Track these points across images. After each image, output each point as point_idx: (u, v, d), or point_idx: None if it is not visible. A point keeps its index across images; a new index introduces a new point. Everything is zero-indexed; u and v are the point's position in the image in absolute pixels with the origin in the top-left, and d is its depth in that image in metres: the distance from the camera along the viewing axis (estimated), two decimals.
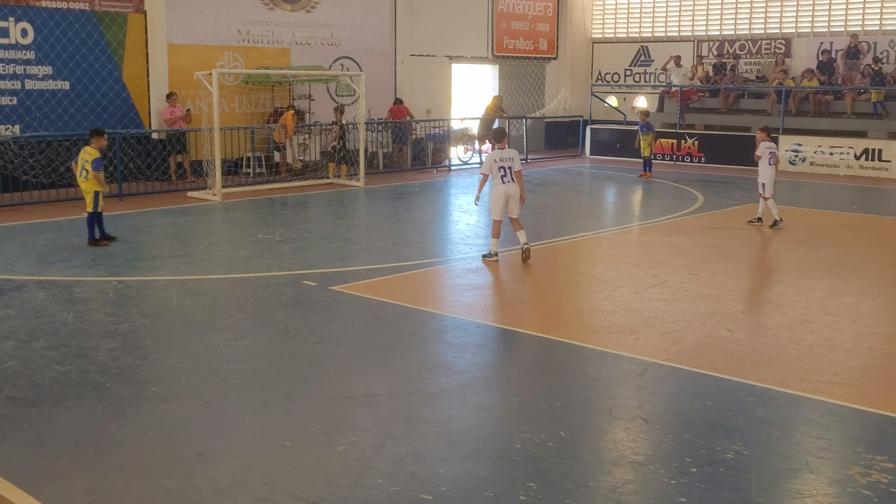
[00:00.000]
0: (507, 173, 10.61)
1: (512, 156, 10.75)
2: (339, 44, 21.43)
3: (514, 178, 10.62)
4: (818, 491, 4.89)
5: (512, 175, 10.61)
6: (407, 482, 4.91)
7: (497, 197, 10.64)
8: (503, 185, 10.60)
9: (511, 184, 10.61)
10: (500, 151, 10.77)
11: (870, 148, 20.92)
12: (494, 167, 10.63)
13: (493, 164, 10.66)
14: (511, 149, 11.17)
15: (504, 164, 10.63)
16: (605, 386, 6.56)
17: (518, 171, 10.69)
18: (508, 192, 10.61)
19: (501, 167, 10.61)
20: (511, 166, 10.63)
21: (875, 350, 7.50)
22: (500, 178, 10.59)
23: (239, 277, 9.91)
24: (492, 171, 10.66)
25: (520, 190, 10.68)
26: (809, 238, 12.87)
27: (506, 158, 10.68)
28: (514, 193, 10.63)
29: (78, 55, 16.93)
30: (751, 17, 25.51)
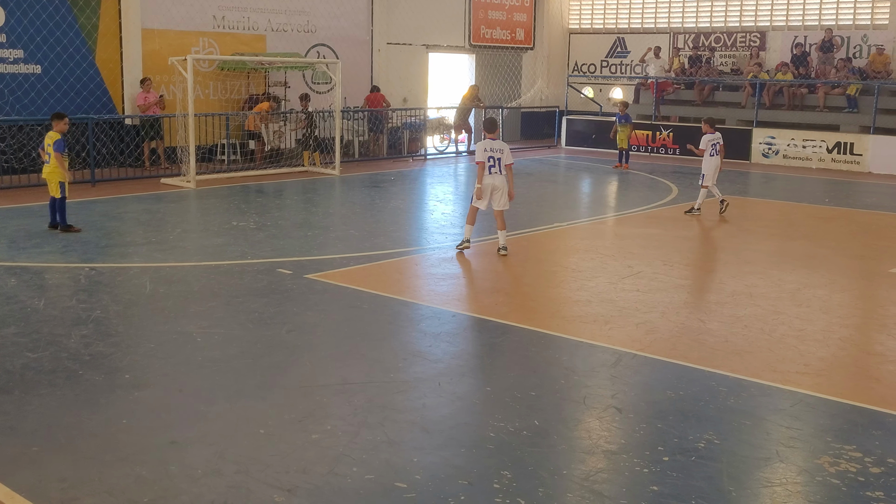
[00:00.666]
0: (496, 164, 10.42)
1: (502, 147, 10.53)
2: (316, 31, 21.31)
3: (503, 171, 10.44)
4: (788, 479, 4.95)
5: (501, 167, 10.43)
6: (381, 470, 4.92)
7: (483, 188, 10.46)
8: (490, 177, 10.43)
9: (498, 176, 10.43)
10: (491, 142, 10.56)
11: (842, 141, 21.13)
12: (485, 156, 10.44)
13: (484, 153, 10.46)
14: (502, 141, 10.94)
15: (494, 154, 10.45)
16: (579, 375, 6.59)
17: (509, 165, 10.49)
18: (494, 183, 10.44)
19: (490, 157, 10.43)
20: (500, 158, 10.44)
21: (845, 341, 7.59)
22: (487, 169, 10.43)
23: (213, 265, 9.85)
24: (484, 160, 10.44)
25: (508, 184, 10.50)
26: (782, 230, 12.99)
27: (496, 149, 10.47)
28: (500, 186, 10.45)
29: (51, 39, 16.72)
30: (726, 10, 25.65)
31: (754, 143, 22.14)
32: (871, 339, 7.85)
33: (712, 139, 13.91)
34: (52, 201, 11.43)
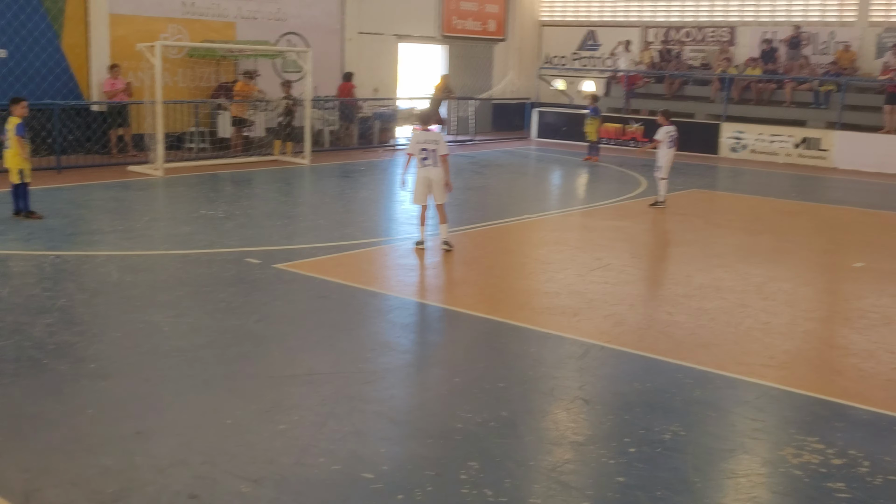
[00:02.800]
0: (430, 157, 10.13)
1: (436, 139, 10.22)
2: (287, 19, 21.14)
3: (437, 163, 10.16)
4: (752, 471, 5.01)
5: (435, 159, 10.14)
6: (348, 461, 4.91)
7: (419, 182, 10.24)
8: (424, 169, 10.17)
9: (433, 168, 10.15)
10: (424, 133, 10.32)
11: (808, 137, 21.36)
12: (417, 149, 10.18)
13: (415, 145, 10.20)
14: (436, 132, 10.71)
15: (427, 146, 10.14)
16: (546, 367, 6.62)
17: (444, 156, 10.17)
18: (429, 176, 10.16)
19: (423, 149, 10.14)
20: (435, 149, 10.12)
21: (809, 334, 7.69)
22: (421, 162, 10.17)
23: (180, 254, 9.77)
24: (415, 153, 10.23)
25: (444, 176, 10.21)
26: (748, 224, 13.12)
27: (429, 141, 10.16)
28: (435, 178, 10.16)
29: (16, 22, 16.45)
30: (697, 5, 25.79)
31: (722, 137, 22.32)
32: (835, 332, 7.96)
33: (669, 131, 14.04)
34: (14, 188, 11.27)
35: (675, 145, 14.16)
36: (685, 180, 17.35)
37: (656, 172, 14.11)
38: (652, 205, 14.06)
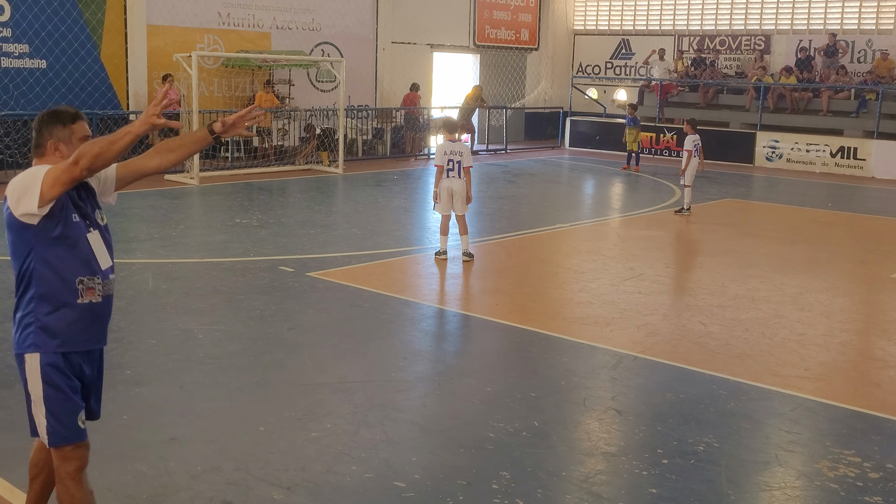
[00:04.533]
0: (455, 168, 10.09)
1: (462, 150, 10.18)
2: (321, 29, 21.31)
3: (461, 175, 10.11)
4: (787, 484, 4.96)
5: (459, 171, 10.10)
6: (380, 469, 4.93)
7: (442, 192, 10.18)
8: (448, 180, 10.11)
9: (456, 179, 10.09)
10: (451, 144, 10.23)
11: (845, 146, 21.11)
12: (445, 159, 10.12)
13: (443, 155, 10.15)
14: (462, 143, 10.55)
15: (453, 157, 10.10)
16: (579, 377, 6.60)
17: (467, 168, 10.11)
18: (452, 187, 10.10)
19: (450, 160, 10.10)
20: (459, 161, 10.09)
21: (845, 346, 7.59)
22: (446, 172, 10.12)
23: (215, 262, 9.86)
24: (443, 163, 10.13)
25: (466, 188, 10.16)
26: (784, 234, 12.99)
27: (455, 152, 10.12)
28: (458, 190, 10.11)
29: (56, 34, 16.74)
30: (731, 13, 25.62)
31: (758, 146, 22.13)
32: (872, 343, 7.85)
33: (695, 139, 14.13)
34: None
35: (700, 154, 14.24)
36: (719, 189, 17.21)
37: (681, 180, 14.17)
38: (677, 212, 14.04)
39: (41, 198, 3.48)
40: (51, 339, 3.61)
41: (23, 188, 3.50)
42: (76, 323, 3.64)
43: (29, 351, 3.62)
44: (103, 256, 3.73)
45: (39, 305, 3.59)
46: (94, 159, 3.48)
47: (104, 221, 3.85)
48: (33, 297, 3.60)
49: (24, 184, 3.51)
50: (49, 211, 3.53)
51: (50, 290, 3.58)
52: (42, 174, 3.49)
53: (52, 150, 3.68)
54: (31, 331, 3.61)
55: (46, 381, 3.66)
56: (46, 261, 3.57)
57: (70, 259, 3.60)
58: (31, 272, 3.58)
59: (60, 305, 3.60)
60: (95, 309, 3.70)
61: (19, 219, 3.53)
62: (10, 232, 3.61)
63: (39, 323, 3.60)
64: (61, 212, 3.59)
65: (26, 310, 3.62)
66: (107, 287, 3.74)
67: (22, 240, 3.58)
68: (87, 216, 3.73)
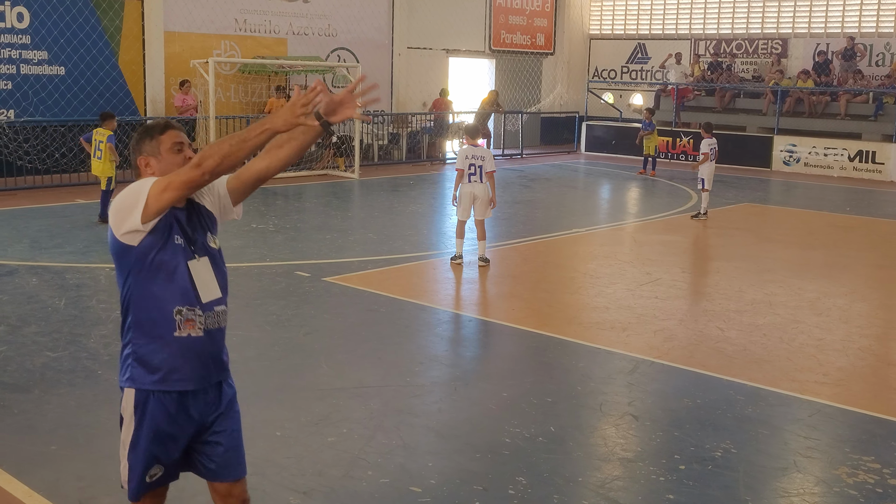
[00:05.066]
0: (477, 172, 10.08)
1: (484, 155, 10.16)
2: (337, 35, 21.39)
3: (483, 179, 10.11)
4: (805, 490, 4.92)
5: (481, 175, 10.09)
6: (396, 474, 4.93)
7: (463, 196, 10.17)
8: (469, 185, 10.10)
9: (479, 184, 10.08)
10: (472, 148, 10.23)
11: (864, 150, 20.98)
12: (466, 164, 10.12)
13: (464, 160, 10.14)
14: (484, 148, 10.54)
15: (475, 161, 10.09)
16: (595, 382, 6.58)
17: (490, 173, 10.08)
18: (474, 192, 10.08)
19: (472, 165, 10.09)
20: (482, 165, 10.07)
21: (864, 351, 7.54)
22: (467, 177, 10.11)
23: (231, 267, 9.83)
24: (464, 167, 10.13)
25: (490, 193, 10.16)
26: (801, 239, 12.92)
27: (477, 157, 10.11)
28: (480, 195, 10.09)
29: (74, 40, 16.87)
30: (748, 17, 25.53)
31: (775, 150, 22.03)
32: (891, 349, 7.80)
33: (711, 143, 14.12)
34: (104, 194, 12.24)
35: (715, 157, 14.25)
36: (736, 194, 17.14)
37: (699, 185, 14.16)
38: (694, 216, 13.99)
39: (146, 210, 3.11)
40: (147, 375, 3.27)
41: (127, 204, 3.15)
42: (174, 358, 3.26)
43: (126, 385, 3.33)
44: (207, 286, 3.31)
45: (136, 336, 3.28)
46: (221, 160, 3.09)
47: (217, 246, 3.49)
48: (130, 326, 3.29)
49: (128, 199, 3.15)
50: (152, 228, 3.17)
51: (146, 319, 3.25)
52: (148, 185, 3.12)
53: (143, 168, 3.35)
54: (128, 363, 3.31)
55: (138, 421, 3.34)
56: (142, 287, 3.22)
57: (167, 286, 3.22)
58: (129, 299, 3.27)
59: (156, 337, 3.25)
60: (195, 344, 3.28)
61: (121, 240, 3.18)
62: (113, 256, 3.29)
63: (136, 355, 3.28)
64: (164, 232, 3.21)
65: (125, 339, 3.34)
66: (210, 320, 3.30)
67: (122, 264, 3.25)
68: (194, 241, 3.33)
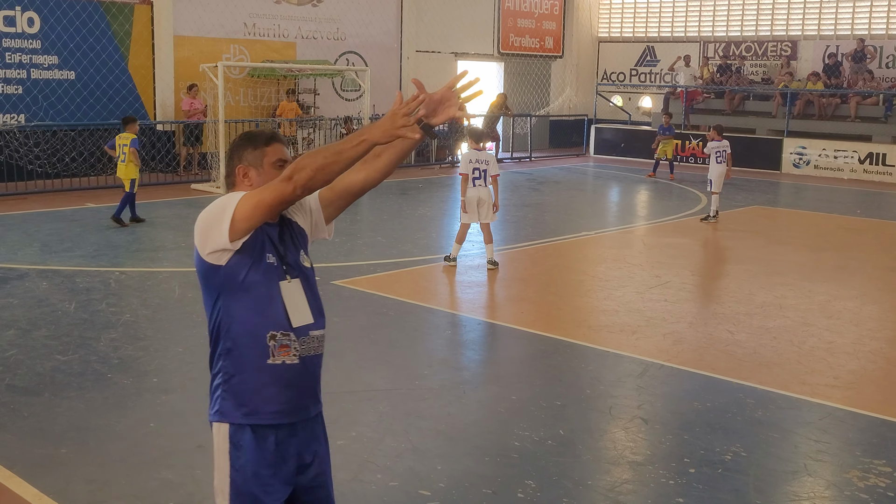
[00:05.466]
0: (482, 176, 10.06)
1: (488, 158, 10.16)
2: (345, 38, 21.42)
3: (488, 183, 10.09)
4: (816, 494, 4.90)
5: (486, 179, 10.08)
6: (406, 477, 4.92)
7: (468, 200, 10.14)
8: (475, 189, 10.08)
9: (483, 188, 10.07)
10: (476, 153, 10.21)
11: (874, 152, 20.90)
12: (470, 168, 10.10)
13: (468, 164, 10.13)
14: (489, 152, 10.50)
15: (479, 166, 10.07)
16: (604, 385, 6.56)
17: (495, 176, 10.11)
18: (480, 196, 10.07)
19: (476, 169, 10.07)
20: (486, 170, 10.06)
21: (875, 354, 7.50)
22: (472, 181, 10.09)
23: None
24: (468, 171, 10.12)
25: (494, 196, 10.15)
26: (812, 241, 12.87)
27: (481, 160, 10.09)
28: (485, 199, 10.08)
29: (84, 45, 16.94)
30: (757, 19, 25.46)
31: (785, 153, 21.95)
32: None
33: (718, 146, 14.10)
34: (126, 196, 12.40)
35: (728, 162, 14.18)
36: (746, 197, 17.09)
37: (708, 186, 14.15)
38: (703, 219, 13.96)
39: (232, 227, 2.87)
40: (238, 407, 2.99)
41: (212, 221, 2.92)
42: (266, 388, 2.98)
43: (216, 419, 3.05)
44: (300, 310, 3.05)
45: (227, 365, 3.01)
46: (314, 173, 2.81)
47: (310, 265, 3.22)
48: (221, 355, 3.04)
49: (213, 216, 2.93)
50: (241, 246, 2.92)
51: (237, 346, 2.99)
52: (235, 200, 2.91)
53: (241, 178, 3.12)
54: (218, 395, 3.04)
55: (233, 460, 3.04)
56: (233, 311, 2.98)
57: (260, 309, 2.97)
58: (219, 325, 3.02)
59: (249, 366, 2.98)
60: (290, 372, 3.00)
61: (206, 260, 2.95)
62: (199, 278, 3.06)
63: (226, 386, 3.01)
64: (254, 250, 2.96)
65: (215, 369, 3.08)
66: (305, 346, 3.03)
67: (210, 286, 3.01)
68: (287, 260, 3.07)
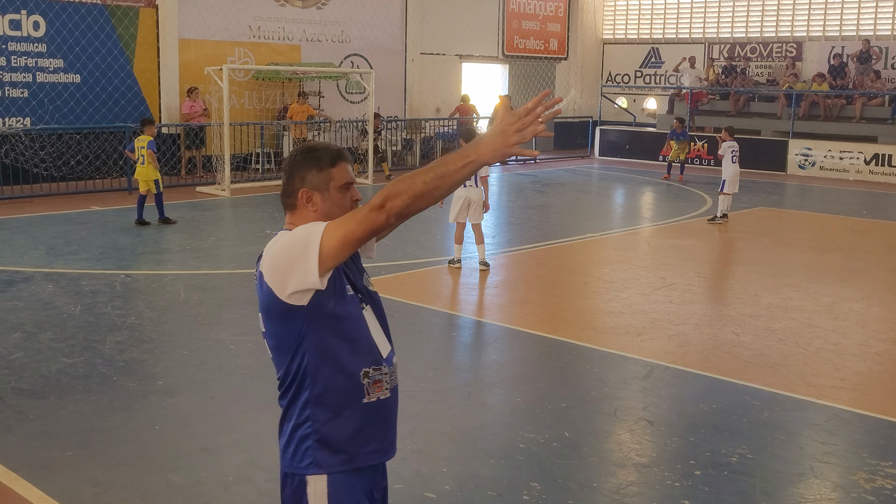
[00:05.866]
0: (472, 177, 10.08)
1: None
2: (350, 41, 21.44)
3: (478, 183, 10.06)
4: (822, 496, 4.88)
5: (476, 179, 10.03)
6: (411, 480, 4.92)
7: (456, 200, 10.11)
8: (464, 189, 10.00)
9: (473, 189, 10.02)
10: None
11: (880, 153, 20.85)
12: None
13: None
14: None
15: None
16: (610, 387, 6.55)
17: (484, 177, 10.07)
18: (469, 196, 10.02)
19: None
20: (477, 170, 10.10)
21: (882, 355, 7.48)
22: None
23: (246, 273, 9.92)
24: None
25: (483, 196, 10.09)
26: (817, 243, 12.84)
27: None
28: (475, 199, 10.03)
29: (90, 48, 16.97)
30: (762, 20, 25.43)
31: (790, 154, 21.91)
32: None
33: (732, 146, 14.11)
34: (141, 199, 12.59)
35: (737, 160, 14.21)
36: (752, 198, 17.06)
37: (720, 187, 14.13)
38: (710, 220, 13.94)
39: (322, 265, 2.61)
40: (335, 455, 2.79)
41: (292, 258, 2.67)
42: (364, 429, 2.82)
43: (310, 472, 2.81)
44: (381, 337, 2.95)
45: (318, 412, 2.78)
46: (413, 200, 2.57)
47: (374, 287, 3.07)
48: (308, 402, 2.78)
49: (293, 252, 2.68)
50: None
51: (330, 389, 2.77)
52: (315, 234, 2.62)
53: (304, 203, 2.88)
54: (309, 445, 2.80)
55: None
56: (323, 352, 2.75)
57: (351, 346, 2.80)
58: (305, 370, 2.76)
59: (344, 408, 2.78)
60: (383, 407, 2.85)
61: (287, 301, 2.71)
62: (272, 321, 2.83)
63: (319, 435, 2.78)
64: (336, 283, 2.75)
65: (300, 418, 2.81)
66: (392, 376, 2.91)
67: (290, 329, 2.75)
68: (358, 287, 2.91)
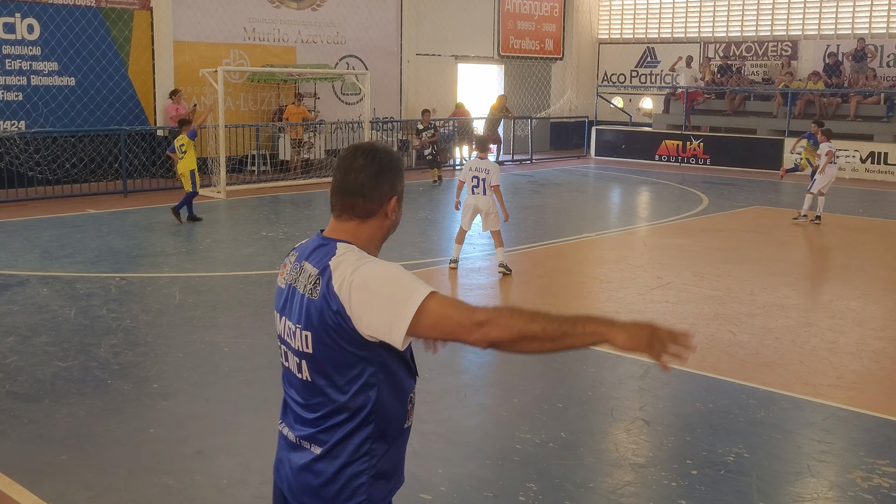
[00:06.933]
0: (480, 185, 9.93)
1: (489, 168, 10.01)
2: (345, 42, 21.42)
3: (488, 192, 9.92)
4: (819, 495, 4.87)
5: (485, 188, 9.93)
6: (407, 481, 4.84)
7: (465, 207, 10.12)
8: (472, 197, 10.00)
9: (482, 197, 9.94)
10: (479, 161, 10.13)
11: (875, 151, 20.87)
12: (469, 175, 10.03)
13: (468, 171, 10.07)
14: (490, 161, 10.41)
15: (479, 174, 9.96)
16: (606, 387, 6.54)
17: (495, 187, 9.87)
18: (477, 204, 9.97)
19: (475, 177, 9.97)
20: (485, 178, 9.91)
21: (878, 354, 7.47)
22: (471, 189, 10.00)
23: (242, 275, 9.90)
24: (466, 179, 10.08)
25: (496, 206, 9.94)
26: (814, 241, 12.84)
27: (481, 169, 9.98)
28: (483, 208, 9.95)
29: (84, 51, 16.94)
30: (757, 19, 25.44)
31: (786, 153, 21.91)
32: None
33: (831, 147, 14.32)
34: (189, 195, 13.07)
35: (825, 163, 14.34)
36: (748, 197, 17.06)
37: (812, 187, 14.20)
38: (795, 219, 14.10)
39: (410, 331, 2.40)
40: (384, 486, 2.64)
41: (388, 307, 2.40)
42: (401, 454, 2.73)
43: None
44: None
45: (378, 446, 2.58)
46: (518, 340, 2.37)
47: None
48: (369, 438, 2.55)
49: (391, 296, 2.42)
50: None
51: (390, 423, 2.59)
52: (415, 299, 2.38)
53: (385, 210, 2.73)
54: (363, 482, 2.56)
55: None
56: (391, 383, 2.56)
57: (407, 368, 2.64)
58: (373, 404, 2.52)
59: (395, 438, 2.64)
60: (409, 429, 2.75)
61: (364, 335, 2.44)
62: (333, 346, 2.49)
63: (375, 470, 2.59)
64: None
65: (355, 455, 2.55)
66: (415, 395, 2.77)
67: (358, 358, 2.49)
68: None
